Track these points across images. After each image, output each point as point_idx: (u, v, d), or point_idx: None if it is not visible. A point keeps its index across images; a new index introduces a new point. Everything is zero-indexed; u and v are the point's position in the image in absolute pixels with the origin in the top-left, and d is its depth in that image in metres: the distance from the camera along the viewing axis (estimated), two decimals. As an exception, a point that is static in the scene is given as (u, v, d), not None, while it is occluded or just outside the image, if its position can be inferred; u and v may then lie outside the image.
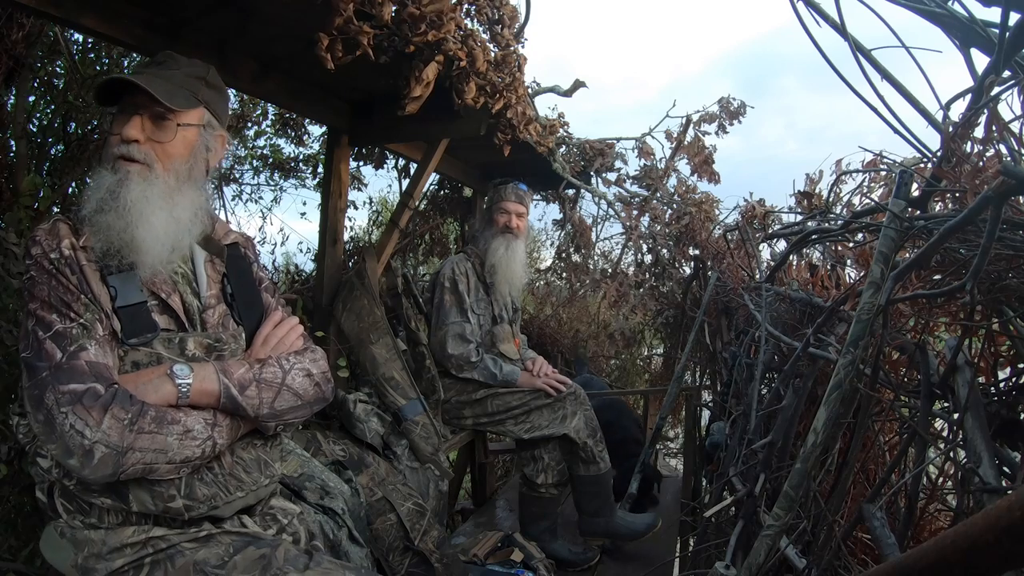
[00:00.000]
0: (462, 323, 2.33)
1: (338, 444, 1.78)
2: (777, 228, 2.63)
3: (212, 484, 1.07)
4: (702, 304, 2.66)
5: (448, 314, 2.34)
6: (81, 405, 0.93)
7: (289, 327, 1.25)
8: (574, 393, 2.33)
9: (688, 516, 2.46)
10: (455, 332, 2.31)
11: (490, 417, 2.34)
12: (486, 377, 2.31)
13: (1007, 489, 0.72)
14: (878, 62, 1.14)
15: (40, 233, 1.04)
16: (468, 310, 2.36)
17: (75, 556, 1.02)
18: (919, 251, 0.88)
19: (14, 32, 2.07)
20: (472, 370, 2.31)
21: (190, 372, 1.04)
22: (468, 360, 2.30)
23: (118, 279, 1.06)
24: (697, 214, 3.17)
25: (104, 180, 1.06)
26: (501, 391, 2.32)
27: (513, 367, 2.35)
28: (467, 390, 2.34)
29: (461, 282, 2.37)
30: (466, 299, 2.36)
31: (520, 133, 2.17)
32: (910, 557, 0.49)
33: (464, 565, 1.74)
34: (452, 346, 2.30)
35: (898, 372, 1.15)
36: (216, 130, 1.19)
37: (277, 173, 3.98)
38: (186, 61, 1.16)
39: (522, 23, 2.28)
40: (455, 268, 2.39)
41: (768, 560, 0.96)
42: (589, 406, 2.37)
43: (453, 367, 2.31)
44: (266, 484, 1.17)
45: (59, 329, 0.98)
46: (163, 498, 1.02)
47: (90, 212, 1.04)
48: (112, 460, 0.93)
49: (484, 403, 2.33)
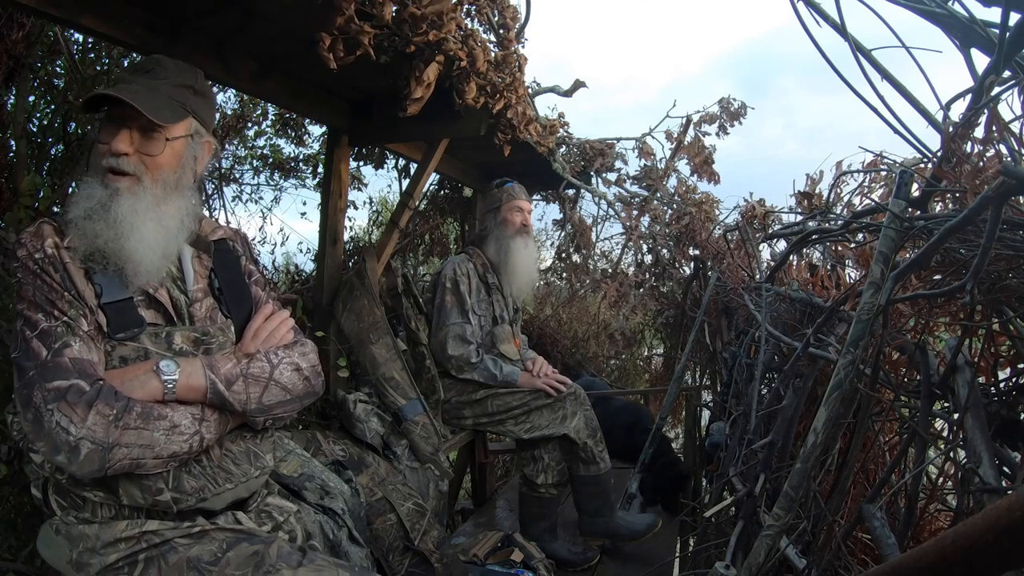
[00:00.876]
0: (463, 324, 2.32)
1: (338, 444, 1.78)
2: (777, 228, 2.63)
3: (200, 476, 1.08)
4: (702, 304, 2.66)
5: (449, 315, 2.33)
6: (65, 402, 0.94)
7: (280, 320, 1.25)
8: (574, 393, 2.33)
9: (688, 516, 2.46)
10: (456, 333, 2.31)
11: (490, 417, 2.34)
12: (486, 378, 2.30)
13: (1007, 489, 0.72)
14: (878, 62, 1.14)
15: (26, 236, 1.05)
16: (469, 311, 2.35)
17: (70, 552, 1.02)
18: (919, 251, 0.88)
19: (14, 32, 2.07)
20: (472, 371, 2.30)
21: (176, 368, 1.05)
22: (468, 361, 2.29)
23: (103, 276, 1.07)
24: (697, 214, 3.17)
25: (94, 192, 1.07)
26: (501, 391, 2.32)
27: (513, 368, 2.35)
28: (467, 390, 2.34)
29: (463, 283, 2.36)
30: (467, 300, 2.35)
31: (520, 133, 2.17)
32: (910, 557, 0.49)
33: (464, 565, 1.74)
34: (452, 347, 2.29)
35: (898, 372, 1.15)
36: (203, 137, 1.20)
37: (277, 173, 3.98)
38: (173, 67, 1.15)
39: (522, 23, 2.29)
40: (456, 269, 2.38)
41: (768, 560, 0.96)
42: (589, 406, 2.36)
43: (453, 368, 2.31)
44: (256, 476, 1.17)
45: (44, 328, 0.99)
46: (151, 491, 1.03)
47: (77, 217, 1.05)
48: (98, 456, 0.94)
49: (484, 403, 2.33)
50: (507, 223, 2.43)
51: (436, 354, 2.33)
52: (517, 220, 2.43)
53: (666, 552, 2.44)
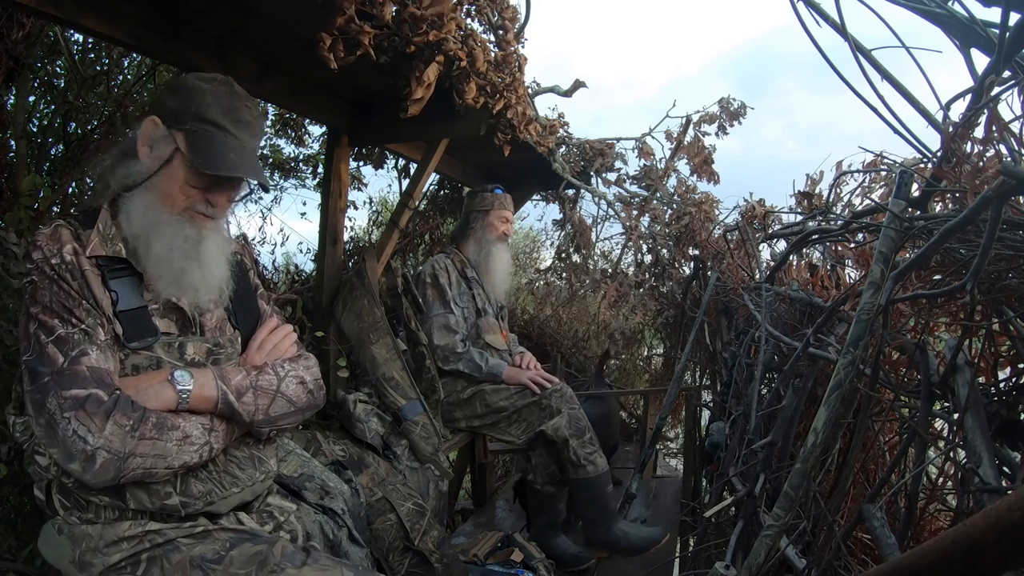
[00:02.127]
0: (446, 314, 2.35)
1: (338, 444, 1.78)
2: (777, 228, 2.63)
3: (207, 480, 1.09)
4: (702, 304, 2.66)
5: (432, 307, 2.37)
6: (84, 411, 0.94)
7: (284, 333, 1.27)
8: (560, 390, 2.29)
9: (688, 516, 2.46)
10: (440, 324, 2.33)
11: (481, 419, 2.33)
12: (471, 369, 2.30)
13: (1007, 489, 0.72)
14: (878, 62, 1.14)
15: (41, 238, 1.04)
16: (451, 302, 2.38)
17: (72, 552, 1.02)
18: (919, 251, 0.88)
19: (14, 32, 2.07)
20: (458, 361, 2.31)
21: (190, 378, 1.06)
22: (454, 351, 2.30)
23: (119, 283, 1.06)
24: (697, 214, 3.17)
25: (181, 228, 1.10)
26: (488, 389, 2.31)
27: (499, 361, 2.35)
28: (455, 390, 2.34)
29: (441, 276, 2.40)
30: (448, 291, 2.39)
31: (520, 133, 2.17)
32: (910, 557, 0.49)
33: (464, 565, 1.74)
34: (438, 337, 2.31)
35: (898, 372, 1.15)
36: None
37: (277, 173, 3.97)
38: (260, 117, 1.19)
39: (522, 23, 2.29)
40: (435, 265, 2.44)
41: (768, 560, 0.96)
42: (576, 405, 2.30)
43: (440, 359, 2.31)
44: (261, 480, 1.18)
45: (61, 334, 0.98)
46: (160, 496, 1.03)
47: (161, 254, 1.08)
48: (114, 466, 0.94)
49: (473, 403, 2.33)
50: (492, 228, 2.53)
51: (425, 348, 2.33)
52: (501, 228, 2.54)
53: (666, 552, 2.43)
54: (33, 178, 2.18)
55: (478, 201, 2.57)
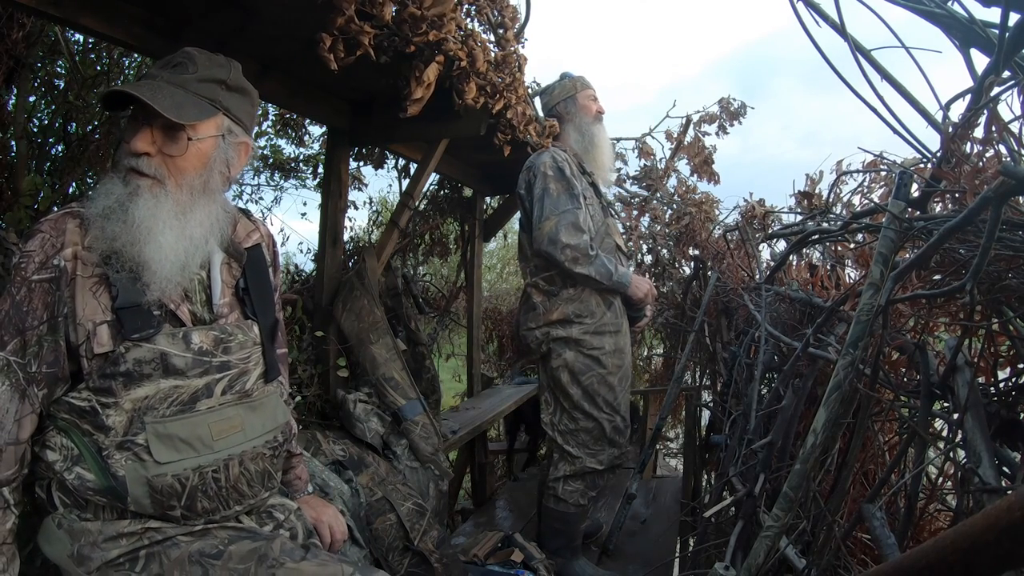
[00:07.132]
0: (574, 210, 2.02)
1: (338, 444, 1.78)
2: (777, 228, 2.63)
3: (215, 498, 1.05)
4: (702, 304, 2.66)
5: (558, 202, 2.02)
6: None
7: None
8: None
9: (688, 516, 2.46)
10: (569, 220, 2.00)
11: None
12: (602, 275, 2.03)
13: (1007, 489, 0.72)
14: (878, 62, 1.14)
15: (45, 227, 1.00)
16: (579, 196, 2.06)
17: (71, 546, 1.01)
18: (919, 251, 0.88)
19: (14, 32, 2.07)
20: (589, 265, 2.01)
21: None
22: (586, 253, 2.00)
23: (122, 278, 1.02)
24: (697, 214, 3.17)
25: (115, 189, 1.01)
26: (588, 323, 2.06)
27: (627, 270, 2.12)
28: (548, 315, 2.09)
29: (566, 168, 2.08)
30: (576, 185, 2.07)
31: (520, 133, 2.17)
32: (910, 557, 0.49)
33: (464, 565, 1.74)
34: (567, 235, 1.98)
35: (898, 372, 1.15)
36: (238, 138, 1.11)
37: (277, 173, 3.98)
38: (205, 61, 1.05)
39: (522, 23, 2.29)
40: (555, 156, 2.11)
41: (768, 560, 0.96)
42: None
43: (568, 259, 1.99)
44: (266, 496, 1.16)
45: None
46: (163, 506, 1.02)
47: (95, 215, 1.00)
48: None
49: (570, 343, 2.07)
50: (586, 109, 2.26)
51: (541, 248, 2.04)
52: (594, 107, 2.28)
53: (666, 552, 2.43)
54: (33, 178, 2.18)
55: (558, 92, 2.31)
